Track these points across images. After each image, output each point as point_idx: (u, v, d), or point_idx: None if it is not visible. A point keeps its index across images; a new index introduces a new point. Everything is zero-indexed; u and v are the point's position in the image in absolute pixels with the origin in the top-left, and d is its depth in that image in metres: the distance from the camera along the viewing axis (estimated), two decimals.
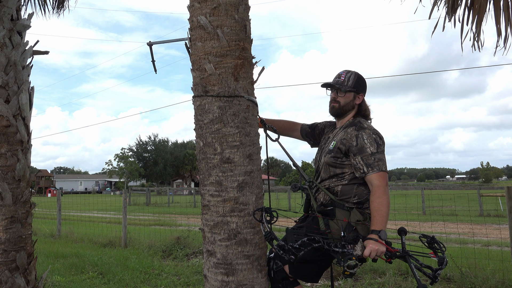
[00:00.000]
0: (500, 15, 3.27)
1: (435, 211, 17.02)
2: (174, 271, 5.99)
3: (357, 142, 2.42)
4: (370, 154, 2.36)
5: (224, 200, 2.27)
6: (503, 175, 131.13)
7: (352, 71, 2.67)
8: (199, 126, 2.37)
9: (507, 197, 4.87)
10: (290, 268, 2.41)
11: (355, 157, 2.41)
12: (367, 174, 2.35)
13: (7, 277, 2.95)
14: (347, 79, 2.61)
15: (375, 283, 5.01)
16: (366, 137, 2.42)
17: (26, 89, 3.20)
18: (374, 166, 2.33)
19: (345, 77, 2.62)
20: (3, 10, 3.08)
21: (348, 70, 2.67)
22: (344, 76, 2.62)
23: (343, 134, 2.54)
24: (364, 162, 2.36)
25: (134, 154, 73.46)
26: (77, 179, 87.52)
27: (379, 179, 2.31)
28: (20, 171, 3.07)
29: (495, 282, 4.66)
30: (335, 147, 2.53)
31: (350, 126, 2.56)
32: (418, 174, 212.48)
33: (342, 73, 2.65)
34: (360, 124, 2.52)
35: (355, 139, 2.43)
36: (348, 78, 2.61)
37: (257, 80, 2.50)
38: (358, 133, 2.44)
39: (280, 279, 2.41)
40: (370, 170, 2.34)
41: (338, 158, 2.50)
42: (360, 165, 2.38)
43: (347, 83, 2.59)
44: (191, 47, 2.42)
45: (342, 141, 2.50)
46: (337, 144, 2.53)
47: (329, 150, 2.57)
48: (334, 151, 2.52)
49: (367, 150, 2.37)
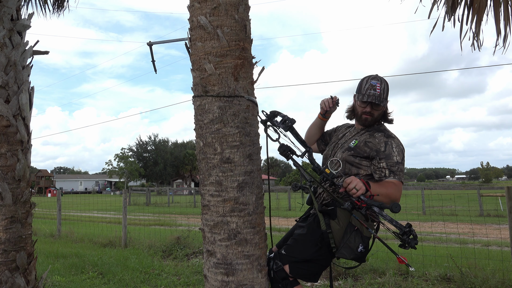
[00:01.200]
0: (499, 14, 3.27)
1: (435, 211, 17.02)
2: (174, 271, 5.99)
3: (386, 148, 2.47)
4: (395, 162, 2.44)
5: (224, 200, 2.27)
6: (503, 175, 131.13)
7: (383, 79, 2.59)
8: (199, 126, 2.37)
9: (507, 197, 4.87)
10: (290, 267, 2.42)
11: (380, 161, 2.45)
12: (388, 178, 2.41)
13: (7, 277, 2.95)
14: (383, 92, 2.53)
15: (375, 283, 5.01)
16: (395, 146, 2.48)
17: (26, 89, 3.20)
18: (396, 174, 2.42)
19: (380, 89, 2.52)
20: (3, 10, 3.08)
21: (379, 78, 2.58)
22: (380, 88, 2.53)
23: (368, 137, 2.56)
24: (388, 168, 2.43)
25: (134, 154, 73.47)
26: (77, 179, 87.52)
27: (396, 183, 2.40)
28: (20, 171, 3.07)
29: (495, 282, 4.66)
30: (357, 146, 2.55)
31: (376, 131, 2.58)
32: (418, 174, 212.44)
33: (376, 84, 2.53)
34: (388, 132, 2.57)
35: (384, 145, 2.48)
36: (383, 90, 2.53)
37: (257, 80, 2.49)
38: (388, 140, 2.50)
39: (280, 279, 2.42)
40: (391, 176, 2.41)
41: (357, 157, 2.52)
42: (383, 169, 2.43)
43: (383, 96, 2.53)
44: (191, 47, 2.42)
45: (367, 143, 2.53)
46: (359, 144, 2.55)
47: (349, 147, 2.57)
48: (356, 150, 2.54)
49: (393, 158, 2.44)
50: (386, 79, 2.61)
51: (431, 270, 5.36)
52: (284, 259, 2.44)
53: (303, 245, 2.45)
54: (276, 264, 2.43)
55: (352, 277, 5.29)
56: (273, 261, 2.45)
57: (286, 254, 2.45)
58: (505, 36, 3.28)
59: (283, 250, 2.49)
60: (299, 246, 2.46)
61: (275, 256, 2.46)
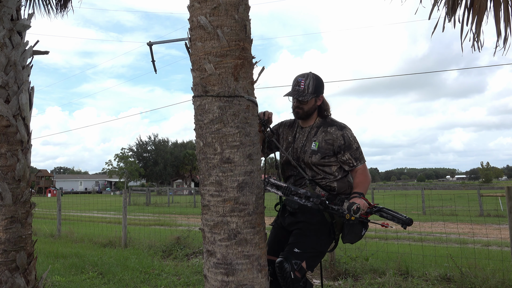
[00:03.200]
0: (499, 16, 3.27)
1: (435, 211, 17.02)
2: (174, 271, 5.99)
3: (345, 140, 2.72)
4: (355, 149, 2.73)
5: (224, 200, 2.27)
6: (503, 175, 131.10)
7: (309, 75, 2.78)
8: (199, 126, 2.37)
9: (507, 197, 4.87)
10: (307, 263, 2.55)
11: (344, 153, 2.72)
12: (356, 166, 2.73)
13: (7, 277, 2.95)
14: (307, 87, 2.74)
15: (375, 283, 5.01)
16: (349, 134, 2.74)
17: (26, 89, 3.20)
18: (361, 159, 2.74)
19: (304, 84, 2.74)
20: (3, 10, 3.08)
21: (305, 75, 2.79)
22: (304, 83, 2.75)
23: (325, 135, 2.76)
24: (353, 157, 2.72)
25: (134, 154, 73.42)
26: (77, 179, 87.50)
27: (364, 167, 2.75)
28: (20, 171, 3.07)
29: (495, 282, 4.65)
30: (320, 147, 2.73)
31: (328, 126, 2.79)
32: (418, 174, 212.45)
33: (301, 80, 2.76)
34: (339, 124, 2.80)
35: (342, 138, 2.72)
36: (308, 86, 2.75)
37: (257, 80, 2.50)
38: (343, 133, 2.74)
39: (301, 277, 2.51)
40: (358, 163, 2.73)
41: (326, 157, 2.72)
42: (350, 160, 2.73)
43: (308, 91, 2.74)
44: (191, 47, 2.42)
45: (327, 141, 2.74)
46: (321, 144, 2.74)
47: (314, 150, 2.75)
48: (321, 151, 2.73)
49: (353, 146, 2.72)
50: (317, 76, 2.80)
51: (431, 270, 5.36)
52: (301, 256, 2.54)
53: (317, 238, 2.61)
54: (296, 263, 2.51)
55: (352, 277, 5.29)
56: (288, 262, 2.50)
57: (302, 251, 2.55)
58: (505, 37, 3.28)
59: (296, 249, 2.56)
60: (313, 240, 2.60)
61: (288, 257, 2.52)
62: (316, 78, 2.77)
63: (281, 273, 2.50)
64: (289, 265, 2.49)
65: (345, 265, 5.56)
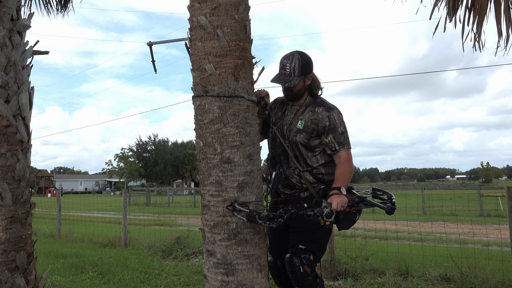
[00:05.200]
0: (500, 16, 3.27)
1: (435, 211, 17.02)
2: (174, 271, 5.98)
3: (330, 122, 2.59)
4: (340, 133, 2.58)
5: (224, 200, 2.27)
6: (503, 175, 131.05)
7: (294, 55, 2.64)
8: (199, 126, 2.37)
9: (507, 197, 4.87)
10: (314, 257, 2.54)
11: (327, 135, 2.59)
12: (339, 151, 2.58)
13: (7, 277, 2.95)
14: (292, 70, 2.60)
15: (375, 283, 5.01)
16: (336, 117, 2.60)
17: (26, 89, 3.20)
18: (345, 144, 2.59)
19: (290, 67, 2.61)
20: (3, 10, 3.08)
21: (290, 56, 2.64)
22: (289, 66, 2.61)
23: (312, 114, 2.64)
24: (336, 141, 2.58)
25: (134, 154, 73.42)
26: (77, 179, 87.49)
27: (347, 154, 2.59)
28: (20, 171, 3.07)
29: (495, 282, 4.65)
30: (305, 126, 2.62)
31: (316, 106, 2.66)
32: (418, 174, 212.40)
33: (286, 63, 2.63)
34: (328, 104, 2.66)
35: (328, 119, 2.59)
36: (294, 68, 2.61)
37: (257, 80, 2.50)
38: (330, 114, 2.60)
39: (311, 270, 2.50)
40: (341, 148, 2.58)
41: (311, 137, 2.62)
42: (332, 143, 2.59)
43: (294, 74, 2.61)
44: (191, 47, 2.42)
45: (313, 120, 2.62)
46: (306, 123, 2.63)
47: (299, 129, 2.64)
48: (306, 131, 2.62)
49: (338, 129, 2.58)
50: (303, 54, 2.64)
51: (431, 270, 5.35)
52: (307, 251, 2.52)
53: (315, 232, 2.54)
54: (305, 258, 2.49)
55: (352, 277, 5.28)
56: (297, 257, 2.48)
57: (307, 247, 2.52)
58: (506, 38, 3.27)
59: (300, 245, 2.54)
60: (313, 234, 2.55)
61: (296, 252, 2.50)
62: (302, 58, 2.62)
63: (290, 268, 2.50)
64: (298, 260, 2.49)
65: (345, 265, 5.55)
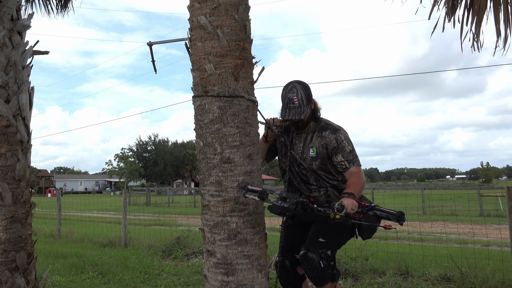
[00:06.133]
0: (499, 16, 3.27)
1: (435, 211, 17.01)
2: (174, 271, 5.98)
3: (337, 142, 2.74)
4: (349, 152, 2.73)
5: (224, 200, 2.27)
6: (503, 175, 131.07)
7: (295, 86, 2.73)
8: (199, 126, 2.37)
9: (507, 197, 4.87)
10: (332, 252, 2.61)
11: (336, 156, 2.74)
12: (349, 168, 2.73)
13: (7, 277, 2.95)
14: (301, 101, 2.70)
15: (375, 283, 5.01)
16: (343, 137, 2.76)
17: (26, 89, 3.20)
18: (354, 162, 2.74)
19: (298, 99, 2.70)
20: (3, 10, 3.08)
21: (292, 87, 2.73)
22: (297, 98, 2.70)
23: (321, 140, 2.79)
24: (345, 159, 2.73)
25: (134, 154, 73.42)
26: (77, 179, 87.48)
27: (358, 169, 2.74)
28: (20, 171, 3.07)
29: (495, 282, 4.65)
30: (318, 153, 2.77)
31: (323, 130, 2.80)
32: (418, 174, 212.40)
33: (292, 96, 2.71)
34: (333, 126, 2.81)
35: (335, 141, 2.75)
36: (301, 99, 2.70)
37: (257, 80, 2.50)
38: (336, 135, 2.76)
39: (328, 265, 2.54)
40: (351, 165, 2.73)
41: (325, 161, 2.78)
42: (342, 162, 2.74)
43: (304, 105, 2.70)
44: (191, 47, 2.42)
45: (323, 145, 2.78)
46: (318, 149, 2.78)
47: (313, 157, 2.79)
48: (320, 157, 2.78)
49: (346, 149, 2.73)
50: (302, 83, 2.76)
51: (431, 270, 5.35)
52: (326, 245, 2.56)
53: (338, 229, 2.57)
54: (323, 252, 2.52)
55: (352, 277, 5.28)
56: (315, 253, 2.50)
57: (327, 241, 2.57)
58: (505, 38, 3.27)
59: (321, 238, 2.58)
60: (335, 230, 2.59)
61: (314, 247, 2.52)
62: (304, 88, 2.73)
63: (308, 264, 2.50)
64: (315, 255, 2.49)
65: (345, 265, 5.55)
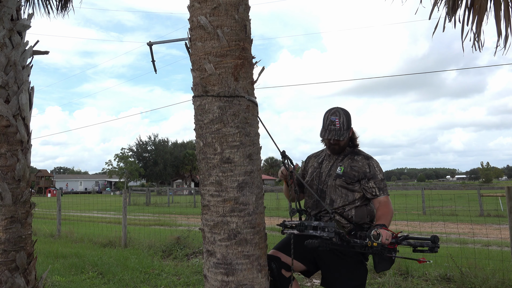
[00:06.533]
0: (500, 15, 3.26)
1: (435, 211, 17.01)
2: (174, 271, 5.99)
3: (370, 169, 2.76)
4: (380, 180, 2.75)
5: (224, 200, 2.27)
6: (503, 175, 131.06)
7: (339, 111, 2.79)
8: (199, 126, 2.37)
9: (507, 197, 4.87)
10: None
11: (368, 181, 2.73)
12: (379, 196, 2.71)
13: (7, 277, 2.95)
14: (342, 125, 2.75)
15: (375, 283, 5.01)
16: (375, 165, 2.78)
17: (26, 89, 3.20)
18: (385, 190, 2.74)
19: (339, 123, 2.75)
20: (3, 10, 3.08)
21: (335, 111, 2.79)
22: (338, 122, 2.76)
23: (351, 162, 2.81)
24: (377, 186, 2.72)
25: (134, 154, 73.43)
26: (77, 179, 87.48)
27: (387, 199, 2.73)
28: (20, 171, 3.07)
29: (495, 282, 4.66)
30: (345, 172, 2.78)
31: (355, 155, 2.84)
32: (418, 174, 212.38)
33: (335, 119, 2.77)
34: (365, 154, 2.85)
35: (368, 167, 2.77)
36: (343, 123, 2.75)
37: (257, 80, 2.49)
38: (369, 162, 2.79)
39: None
40: (382, 193, 2.72)
41: (350, 182, 2.75)
42: (373, 188, 2.72)
43: (344, 128, 2.75)
44: (191, 47, 2.42)
45: (353, 167, 2.78)
46: (346, 170, 2.79)
47: (338, 174, 2.79)
48: (346, 175, 2.77)
49: (378, 176, 2.75)
50: (345, 110, 2.84)
51: (431, 270, 5.35)
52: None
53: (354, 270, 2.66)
54: None
55: None
56: None
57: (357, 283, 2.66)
58: (506, 37, 3.27)
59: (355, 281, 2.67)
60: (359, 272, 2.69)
61: None
62: (346, 114, 2.81)
63: None
64: None
65: None
